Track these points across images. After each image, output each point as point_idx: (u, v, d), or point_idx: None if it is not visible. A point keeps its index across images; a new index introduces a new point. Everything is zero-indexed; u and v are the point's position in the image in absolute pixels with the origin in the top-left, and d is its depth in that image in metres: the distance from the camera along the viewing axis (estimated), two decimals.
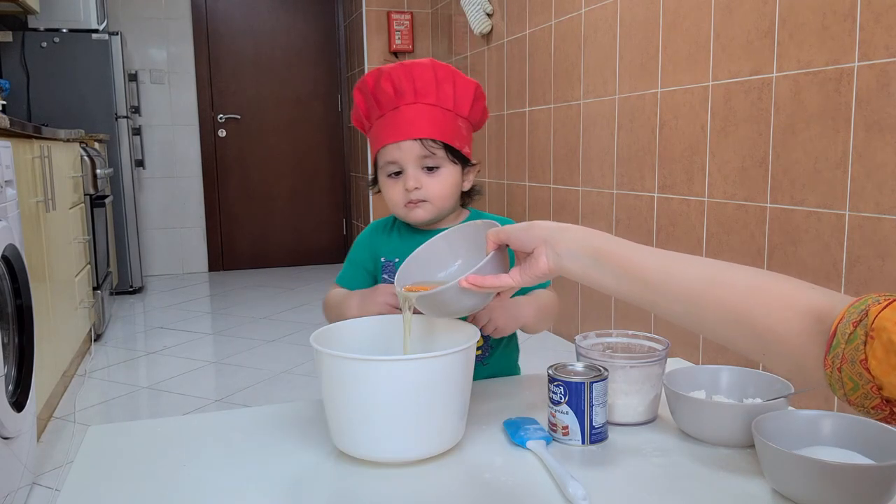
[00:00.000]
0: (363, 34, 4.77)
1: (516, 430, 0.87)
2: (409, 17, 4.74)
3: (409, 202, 1.10)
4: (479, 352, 1.13)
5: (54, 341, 2.44)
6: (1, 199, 1.81)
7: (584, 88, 3.05)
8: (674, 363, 1.09)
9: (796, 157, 1.99)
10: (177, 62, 5.15)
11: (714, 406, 0.87)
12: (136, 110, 4.68)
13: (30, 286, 1.94)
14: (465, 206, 1.19)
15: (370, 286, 1.16)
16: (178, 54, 5.15)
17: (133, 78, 4.53)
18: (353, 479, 0.80)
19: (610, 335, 1.02)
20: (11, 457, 1.68)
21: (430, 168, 1.09)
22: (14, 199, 1.95)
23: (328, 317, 1.16)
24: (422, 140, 1.07)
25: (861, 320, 0.56)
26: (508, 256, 0.86)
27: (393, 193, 1.11)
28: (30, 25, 4.14)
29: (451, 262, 0.95)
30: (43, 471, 2.03)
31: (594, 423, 0.87)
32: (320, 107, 5.41)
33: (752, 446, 0.78)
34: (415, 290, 0.88)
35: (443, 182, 1.10)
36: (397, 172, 1.10)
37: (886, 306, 0.55)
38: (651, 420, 0.94)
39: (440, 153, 1.08)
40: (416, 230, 1.16)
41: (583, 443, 0.87)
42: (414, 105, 1.08)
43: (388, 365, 0.79)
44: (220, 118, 5.27)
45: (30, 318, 1.94)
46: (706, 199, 2.35)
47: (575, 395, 0.86)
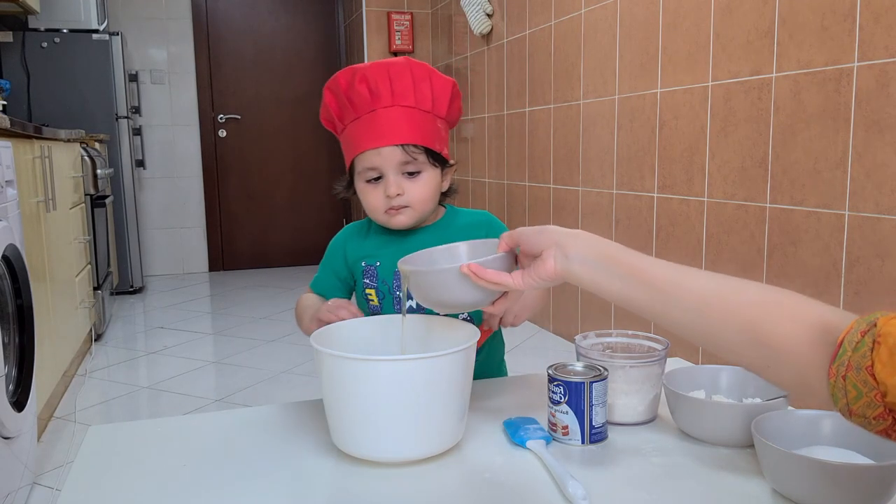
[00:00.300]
0: (363, 34, 4.77)
1: (516, 429, 0.88)
2: (409, 17, 4.74)
3: (390, 208, 1.07)
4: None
5: (55, 341, 2.44)
6: (1, 199, 1.81)
7: (584, 88, 3.05)
8: (673, 363, 1.09)
9: (796, 157, 1.99)
10: (177, 62, 5.15)
11: (714, 406, 0.87)
12: (137, 110, 4.68)
13: (30, 286, 1.95)
14: (442, 204, 1.16)
15: (343, 292, 1.15)
16: (179, 54, 5.15)
17: (133, 78, 4.53)
18: (353, 479, 0.80)
19: (610, 335, 1.02)
20: (12, 457, 1.68)
21: (410, 173, 1.06)
22: (14, 199, 1.95)
23: (298, 325, 1.14)
24: (403, 146, 1.04)
25: (869, 330, 0.56)
26: (515, 264, 0.85)
27: (372, 199, 1.08)
28: (30, 25, 4.14)
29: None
30: (43, 471, 2.03)
31: (594, 423, 0.87)
32: (320, 107, 5.40)
33: (752, 446, 0.78)
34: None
35: (424, 187, 1.07)
36: (377, 178, 1.06)
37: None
38: (651, 420, 0.94)
39: (421, 157, 1.05)
40: (394, 233, 1.12)
41: (583, 442, 0.87)
42: (392, 108, 1.04)
43: (388, 365, 0.80)
44: (221, 118, 5.27)
45: (30, 317, 1.94)
46: (706, 199, 2.35)
47: (575, 394, 0.86)
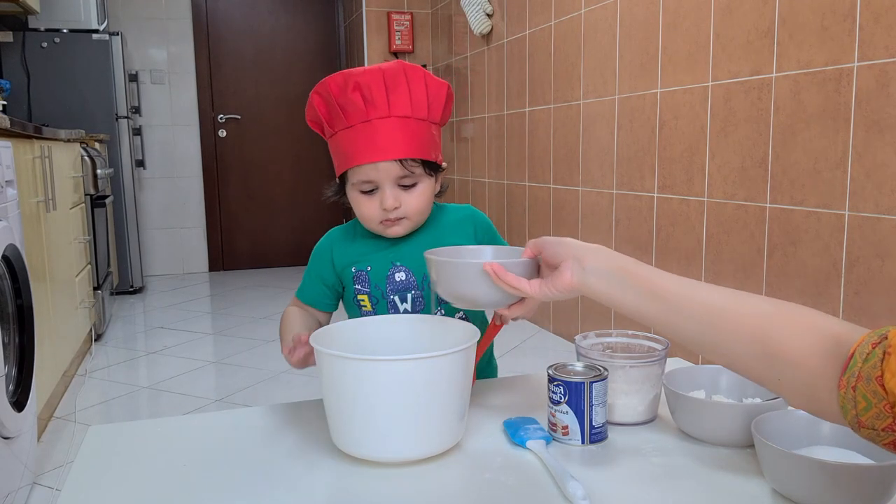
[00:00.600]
0: (363, 34, 4.77)
1: (516, 429, 0.88)
2: (409, 17, 4.74)
3: (386, 220, 1.06)
4: None
5: (55, 341, 2.44)
6: (1, 199, 1.81)
7: (584, 88, 3.05)
8: (673, 363, 1.09)
9: (796, 157, 1.99)
10: (177, 62, 5.15)
11: (714, 406, 0.87)
12: (137, 110, 4.68)
13: (30, 286, 1.95)
14: None
15: (331, 299, 1.14)
16: (179, 54, 5.15)
17: (133, 78, 4.54)
18: (353, 479, 0.80)
19: (610, 335, 1.02)
20: (12, 457, 1.68)
21: (406, 185, 1.05)
22: (14, 199, 1.95)
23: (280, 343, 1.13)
24: (401, 160, 1.02)
25: (880, 342, 0.56)
26: (537, 271, 0.86)
27: (367, 210, 1.06)
28: (30, 26, 4.15)
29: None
30: (43, 471, 2.03)
31: (594, 423, 0.87)
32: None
33: (752, 446, 0.78)
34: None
35: (420, 197, 1.06)
36: (371, 189, 1.05)
37: None
38: (651, 420, 0.94)
39: (418, 170, 1.04)
40: (383, 236, 1.11)
41: (583, 442, 0.87)
42: (388, 119, 1.01)
43: (388, 365, 0.80)
44: (220, 118, 5.27)
45: (30, 318, 1.94)
46: (706, 199, 2.35)
47: (575, 394, 0.86)
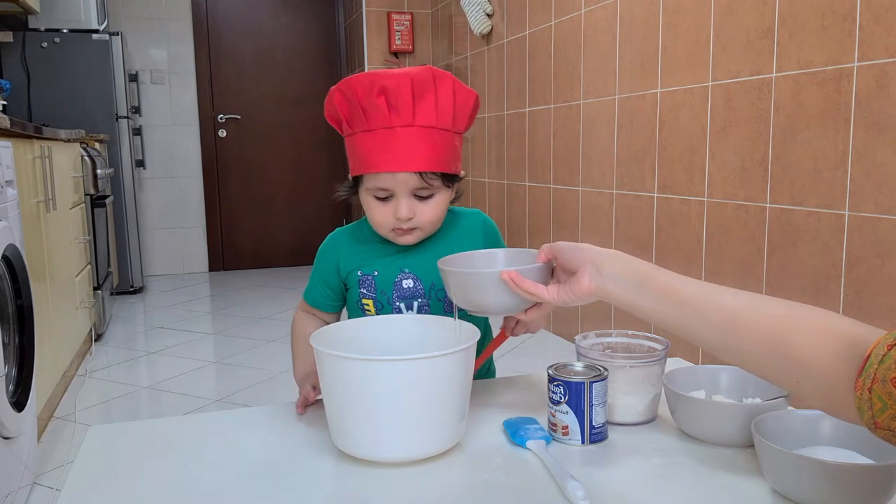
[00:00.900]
0: (363, 34, 4.77)
1: (516, 430, 0.88)
2: (409, 17, 4.74)
3: (398, 228, 1.04)
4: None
5: (55, 341, 2.44)
6: (1, 199, 1.81)
7: (584, 88, 3.05)
8: (674, 363, 1.09)
9: (796, 157, 1.99)
10: (177, 62, 5.15)
11: (714, 406, 0.87)
12: (137, 110, 4.68)
13: (30, 286, 1.94)
14: None
15: (335, 301, 1.14)
16: (179, 54, 5.15)
17: (133, 78, 4.53)
18: (354, 479, 0.80)
19: (610, 335, 1.02)
20: (12, 457, 1.68)
21: (423, 196, 1.03)
22: (15, 199, 1.95)
23: (291, 347, 1.15)
24: (420, 173, 0.99)
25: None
26: (551, 276, 0.87)
27: (379, 216, 1.04)
28: (30, 26, 4.14)
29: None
30: (43, 471, 2.03)
31: (594, 423, 0.87)
32: (320, 107, 5.28)
33: (752, 446, 0.78)
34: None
35: (436, 209, 1.04)
36: (386, 196, 1.02)
37: None
38: (651, 420, 0.94)
39: (437, 182, 1.02)
40: (391, 241, 1.09)
41: (583, 442, 0.87)
42: (411, 128, 0.98)
43: (388, 365, 0.80)
44: (221, 118, 5.27)
45: (30, 318, 1.94)
46: (706, 200, 2.35)
47: (575, 394, 0.86)
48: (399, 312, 1.09)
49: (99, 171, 3.55)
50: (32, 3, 3.66)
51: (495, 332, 1.16)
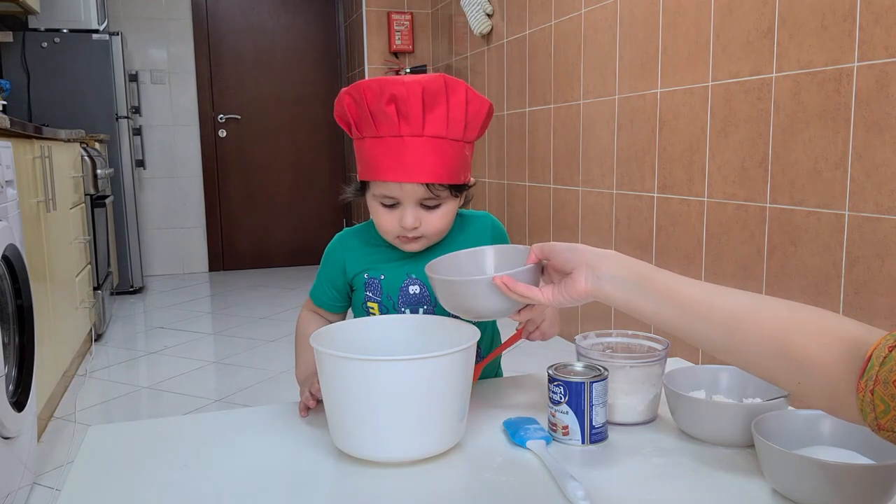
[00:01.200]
0: (363, 34, 4.77)
1: (516, 430, 0.88)
2: (409, 17, 4.74)
3: (403, 236, 1.03)
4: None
5: (55, 341, 2.44)
6: (1, 199, 1.81)
7: (584, 88, 3.05)
8: (674, 363, 1.09)
9: (796, 157, 1.99)
10: (177, 62, 5.15)
11: (714, 406, 0.87)
12: (137, 110, 4.68)
13: (30, 286, 1.94)
14: None
15: (340, 302, 1.14)
16: (179, 54, 5.15)
17: (133, 78, 4.53)
18: (353, 479, 0.80)
19: (610, 335, 1.02)
20: (12, 457, 1.68)
21: (430, 206, 1.01)
22: (15, 199, 1.95)
23: (295, 347, 1.15)
24: (427, 184, 0.98)
25: None
26: (542, 275, 0.85)
27: (385, 223, 1.03)
28: (30, 26, 4.14)
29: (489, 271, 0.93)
30: (43, 471, 2.03)
31: (594, 423, 0.87)
32: (320, 107, 5.41)
33: (752, 446, 0.78)
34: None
35: (441, 217, 1.03)
36: (393, 204, 1.01)
37: None
38: (651, 420, 0.94)
39: (444, 193, 1.01)
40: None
41: (583, 443, 0.87)
42: (420, 138, 0.96)
43: (388, 365, 0.80)
44: (221, 118, 5.27)
45: (30, 318, 1.94)
46: (706, 199, 2.35)
47: (575, 394, 0.86)
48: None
49: (99, 171, 3.55)
50: (32, 3, 3.66)
51: (502, 331, 1.17)
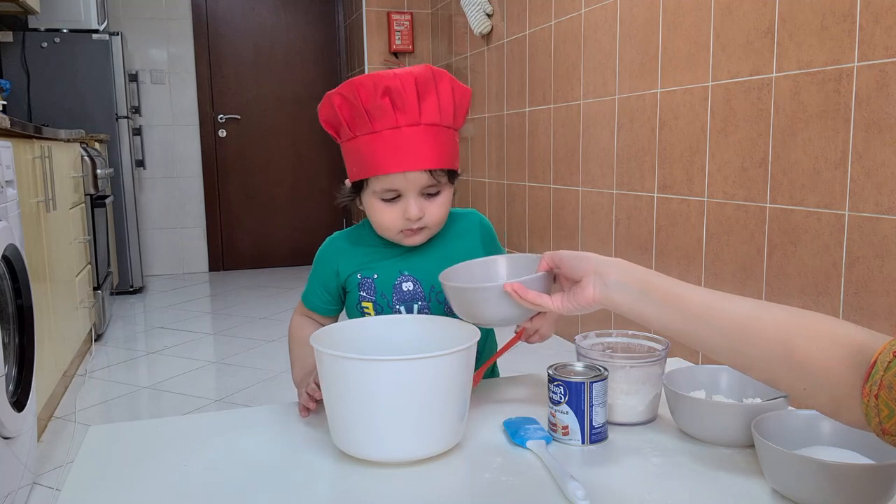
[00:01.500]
0: (363, 34, 4.77)
1: (516, 430, 0.88)
2: (409, 17, 4.74)
3: (407, 229, 1.03)
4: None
5: (55, 341, 2.44)
6: (1, 199, 1.81)
7: (584, 88, 3.05)
8: (674, 363, 1.09)
9: (796, 157, 1.99)
10: (177, 62, 5.15)
11: (714, 406, 0.87)
12: (137, 110, 4.68)
13: (30, 286, 1.94)
14: None
15: (333, 305, 1.13)
16: (179, 54, 5.15)
17: (133, 78, 4.54)
18: (354, 479, 0.80)
19: (610, 335, 1.02)
20: (12, 457, 1.68)
21: (430, 194, 1.03)
22: (15, 199, 1.95)
23: (289, 352, 1.15)
24: (430, 171, 0.99)
25: None
26: (553, 282, 0.87)
27: (387, 219, 1.03)
28: (30, 25, 4.15)
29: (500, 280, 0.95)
30: (43, 471, 2.03)
31: (594, 423, 0.87)
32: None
33: (752, 446, 0.78)
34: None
35: (442, 206, 1.04)
36: (393, 197, 1.02)
37: None
38: (651, 420, 0.94)
39: (444, 179, 1.02)
40: (390, 243, 1.09)
41: (583, 443, 0.87)
42: (418, 127, 0.98)
43: (388, 365, 0.80)
44: (221, 118, 5.27)
45: (30, 318, 1.94)
46: (706, 200, 2.35)
47: (575, 394, 0.86)
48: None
49: (99, 171, 3.55)
50: (32, 3, 3.66)
51: (499, 333, 1.17)
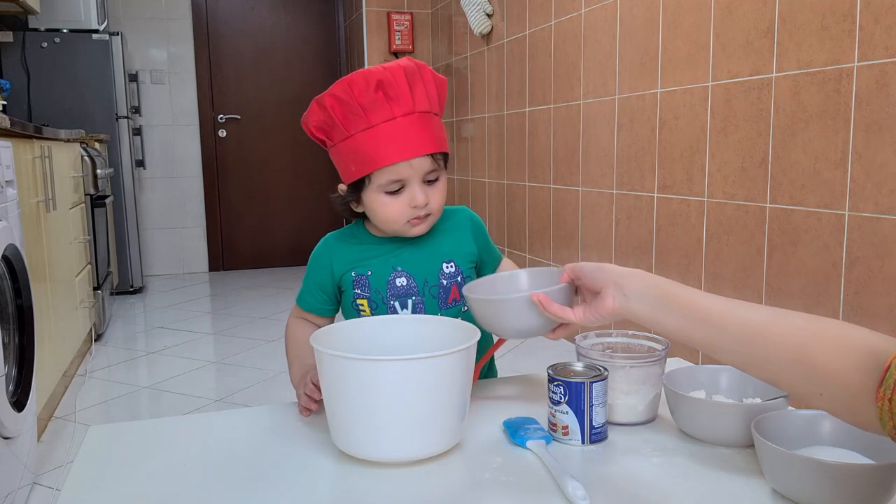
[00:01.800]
0: (363, 34, 4.77)
1: (516, 430, 0.88)
2: (409, 17, 4.74)
3: (415, 218, 1.05)
4: None
5: (55, 341, 2.44)
6: (1, 199, 1.81)
7: (584, 88, 3.05)
8: (674, 363, 1.09)
9: (796, 157, 1.99)
10: (177, 62, 5.15)
11: (714, 406, 0.87)
12: (137, 110, 4.68)
13: (30, 286, 1.94)
14: None
15: (329, 305, 1.14)
16: (179, 54, 5.15)
17: (133, 78, 4.53)
18: (353, 479, 0.80)
19: (610, 335, 1.02)
20: (12, 457, 1.68)
21: (430, 180, 1.05)
22: (15, 199, 1.95)
23: (286, 354, 1.15)
24: (432, 155, 1.02)
25: None
26: (575, 294, 0.89)
27: (393, 211, 1.04)
28: (30, 25, 4.14)
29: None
30: (43, 471, 2.03)
31: (594, 423, 0.87)
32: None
33: (752, 446, 0.78)
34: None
35: (442, 192, 1.07)
36: (397, 189, 1.03)
37: None
38: (651, 420, 0.94)
39: (441, 163, 1.05)
40: (383, 240, 1.11)
41: (583, 443, 0.87)
42: (413, 115, 1.01)
43: (388, 365, 0.80)
44: (220, 118, 5.27)
45: (30, 318, 1.94)
46: (706, 199, 2.35)
47: (575, 394, 0.86)
48: (393, 311, 1.09)
49: (99, 171, 3.55)
50: (32, 3, 3.66)
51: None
